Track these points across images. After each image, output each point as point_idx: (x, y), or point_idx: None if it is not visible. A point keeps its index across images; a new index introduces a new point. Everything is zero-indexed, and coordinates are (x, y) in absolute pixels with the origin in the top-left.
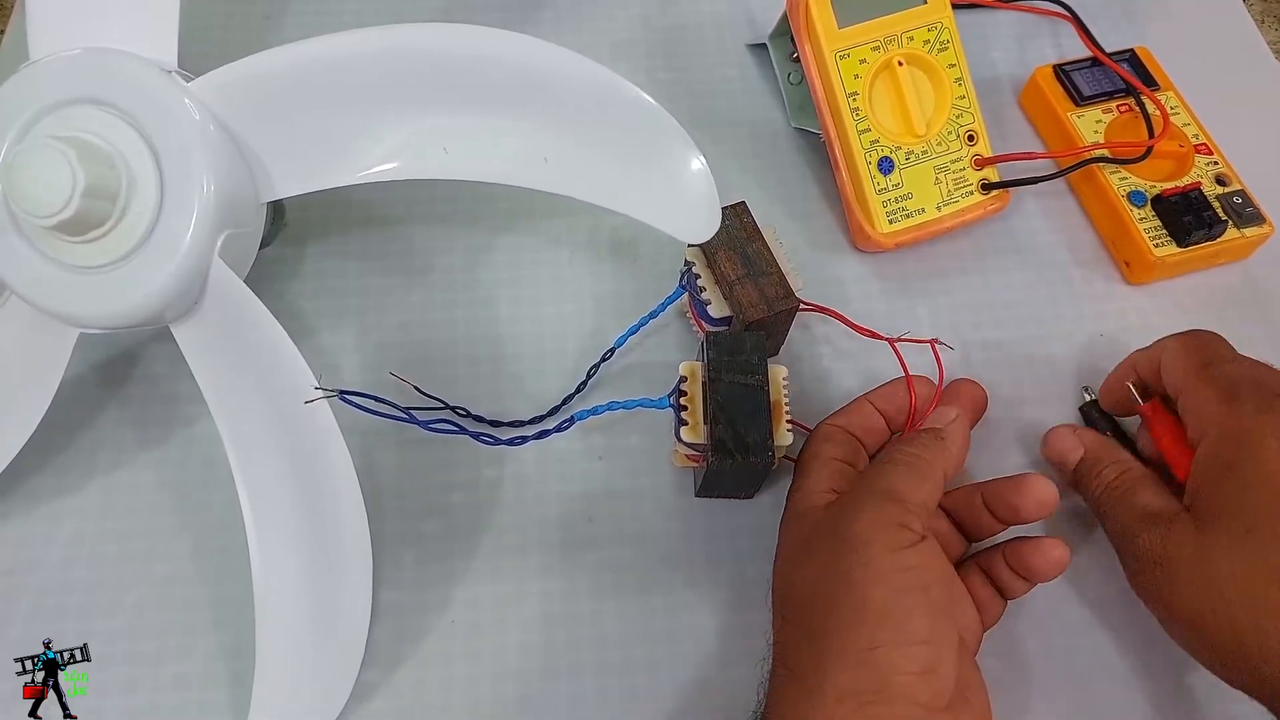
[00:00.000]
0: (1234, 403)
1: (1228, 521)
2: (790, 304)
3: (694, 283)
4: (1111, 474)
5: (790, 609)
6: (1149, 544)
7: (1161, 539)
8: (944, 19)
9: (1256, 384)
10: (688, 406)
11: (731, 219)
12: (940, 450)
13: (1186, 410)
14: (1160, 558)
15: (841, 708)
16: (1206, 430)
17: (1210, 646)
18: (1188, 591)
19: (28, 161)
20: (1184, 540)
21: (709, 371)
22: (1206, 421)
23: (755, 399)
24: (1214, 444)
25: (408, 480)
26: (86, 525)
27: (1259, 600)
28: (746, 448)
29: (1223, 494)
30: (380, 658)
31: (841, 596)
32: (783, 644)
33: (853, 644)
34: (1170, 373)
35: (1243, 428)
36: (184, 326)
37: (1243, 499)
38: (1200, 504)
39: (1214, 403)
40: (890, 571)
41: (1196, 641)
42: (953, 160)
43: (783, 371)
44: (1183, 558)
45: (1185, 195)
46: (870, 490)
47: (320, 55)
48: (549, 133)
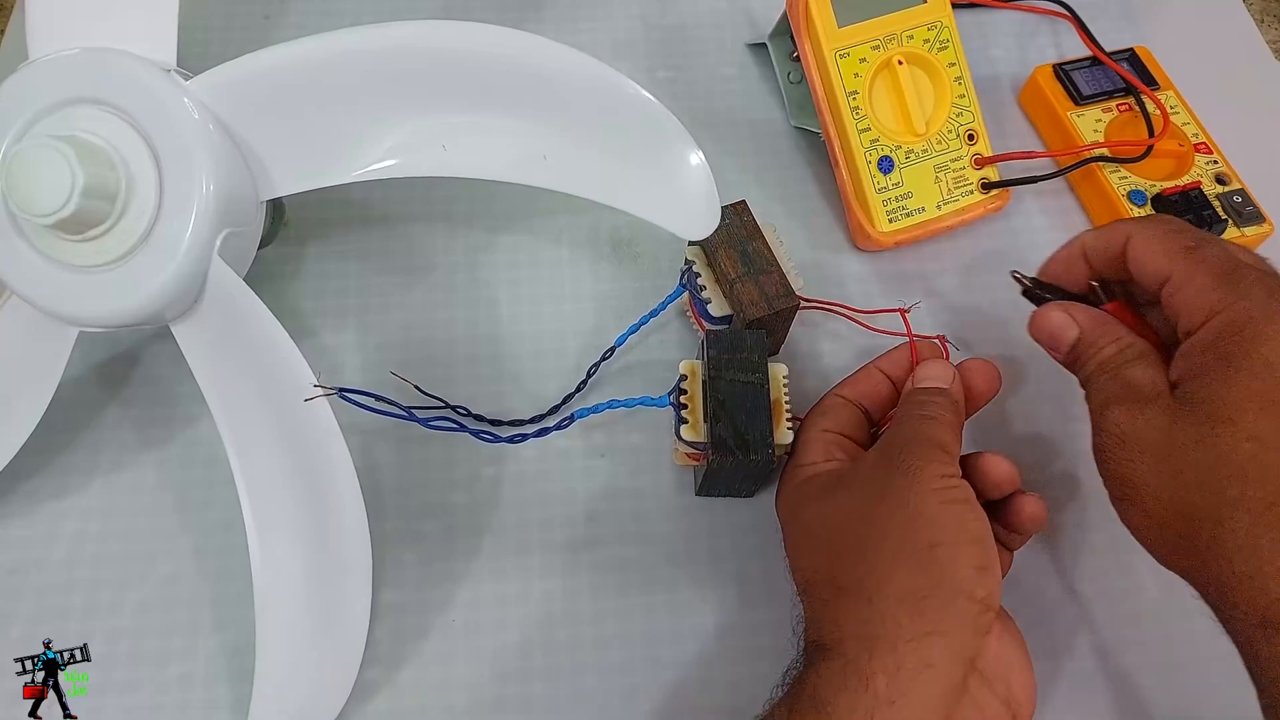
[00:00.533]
0: (1236, 287)
1: (1209, 410)
2: (791, 302)
3: (694, 281)
4: (1111, 350)
5: (821, 559)
6: (1119, 417)
7: (1132, 415)
8: (944, 18)
9: (1256, 266)
10: (688, 405)
11: (732, 217)
12: (955, 408)
13: (1176, 299)
14: (1127, 434)
15: (902, 607)
16: (1205, 319)
17: (1158, 526)
18: (1150, 472)
19: (27, 161)
20: (1156, 421)
21: (709, 369)
22: (1205, 310)
23: (756, 397)
24: (1213, 332)
25: (408, 479)
26: (87, 525)
27: (1219, 490)
28: (747, 445)
29: (1211, 383)
30: (381, 657)
31: (893, 512)
32: (817, 604)
33: (910, 546)
34: (1148, 258)
35: (1248, 314)
36: (184, 325)
37: (1229, 390)
38: (1184, 390)
39: (1211, 289)
40: (941, 489)
41: (1148, 523)
42: (952, 159)
43: (783, 369)
44: (1150, 439)
45: (1185, 194)
46: (914, 438)
47: (319, 53)
48: (549, 130)
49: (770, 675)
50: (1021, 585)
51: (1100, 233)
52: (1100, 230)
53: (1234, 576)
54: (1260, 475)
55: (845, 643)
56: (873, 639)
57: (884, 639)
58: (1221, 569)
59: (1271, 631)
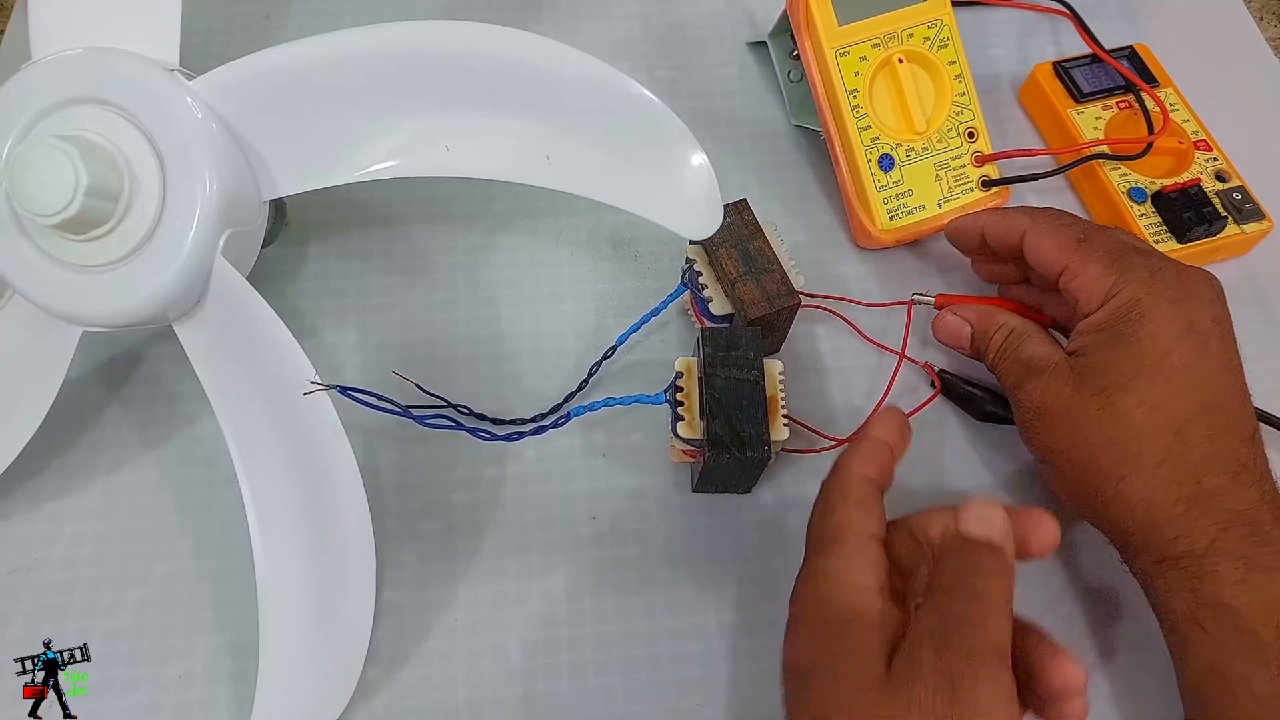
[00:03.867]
0: (1125, 272)
1: (1107, 380)
2: (791, 301)
3: (695, 280)
4: (1000, 338)
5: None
6: (1032, 394)
7: (1041, 389)
8: (944, 16)
9: (1140, 250)
10: (684, 402)
11: (732, 216)
12: (1009, 575)
13: (1073, 285)
14: (1040, 406)
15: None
16: (1103, 301)
17: (1071, 483)
18: (1061, 436)
19: (30, 161)
20: (1061, 391)
21: (705, 366)
22: (1102, 293)
23: (751, 394)
24: (1107, 312)
25: (409, 479)
26: (88, 525)
27: (1121, 449)
28: (742, 442)
29: (1103, 355)
30: (383, 656)
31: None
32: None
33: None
34: (1043, 251)
35: (1136, 295)
36: (187, 325)
37: (1122, 361)
38: (1084, 362)
39: (1103, 275)
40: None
41: (1060, 479)
42: (953, 157)
43: (778, 366)
44: (1058, 408)
45: (1185, 192)
46: (973, 651)
47: (322, 53)
48: (550, 130)
49: (770, 674)
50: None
51: (998, 221)
52: (998, 218)
53: (1135, 523)
54: (1151, 435)
55: None
56: None
57: None
58: (1125, 517)
59: (1167, 566)
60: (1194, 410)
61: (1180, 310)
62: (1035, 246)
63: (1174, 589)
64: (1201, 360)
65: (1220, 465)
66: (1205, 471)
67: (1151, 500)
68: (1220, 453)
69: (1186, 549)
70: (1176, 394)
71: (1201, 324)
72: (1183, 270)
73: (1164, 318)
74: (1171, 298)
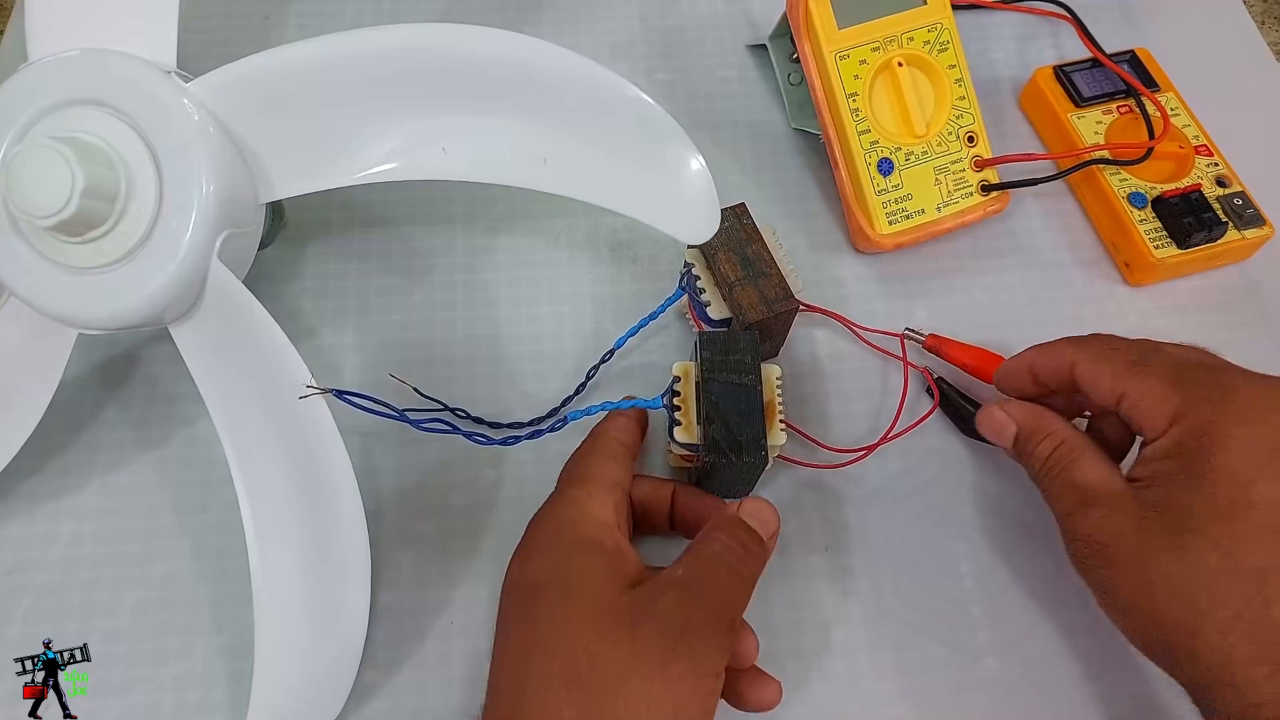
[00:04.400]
0: (1190, 392)
1: (1176, 519)
2: (790, 305)
3: (693, 284)
4: (1047, 449)
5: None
6: (1088, 528)
7: (1100, 524)
8: (944, 20)
9: (1204, 367)
10: (681, 407)
11: (731, 220)
12: (761, 567)
13: (1136, 412)
14: (1099, 542)
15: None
16: (1165, 426)
17: (1140, 632)
18: (1123, 580)
19: (27, 162)
20: (1124, 528)
21: (702, 371)
22: (1166, 417)
23: (749, 398)
24: (1174, 439)
25: (406, 481)
26: (86, 525)
27: (1189, 601)
28: (740, 447)
29: (1177, 490)
30: (379, 659)
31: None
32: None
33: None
34: (1099, 382)
35: (1206, 418)
36: (183, 328)
37: (1196, 494)
38: (1151, 495)
39: (1167, 398)
40: (711, 692)
41: (1128, 626)
42: (953, 161)
43: (776, 371)
44: (1121, 546)
45: (1185, 197)
46: (713, 612)
47: (320, 55)
48: (548, 133)
49: (773, 674)
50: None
51: (1045, 355)
52: (1044, 352)
53: (1213, 683)
54: (1227, 586)
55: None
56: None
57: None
58: (1201, 675)
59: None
60: (1276, 557)
61: (1257, 434)
62: (1089, 378)
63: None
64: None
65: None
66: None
67: (1228, 661)
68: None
69: (1271, 717)
70: (1256, 537)
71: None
72: (1260, 385)
73: (1241, 445)
74: (1247, 418)
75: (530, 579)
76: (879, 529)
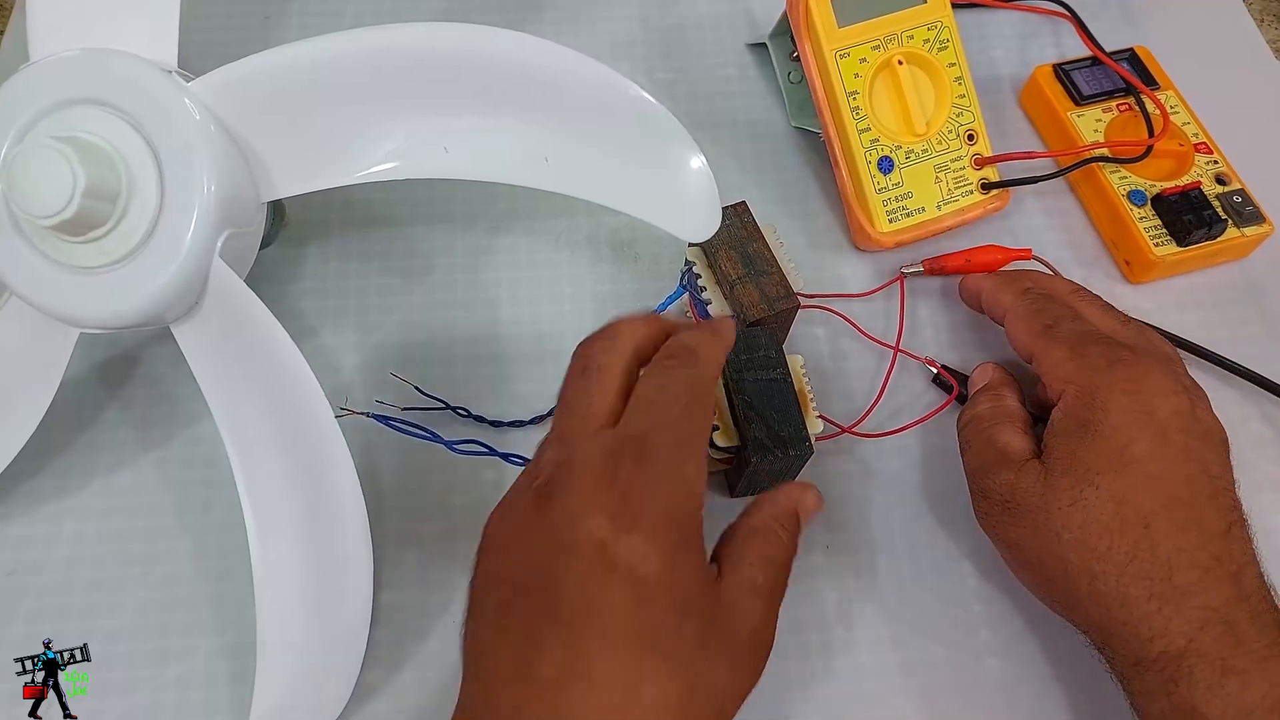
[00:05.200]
0: (1084, 359)
1: (1072, 476)
2: (791, 303)
3: (694, 282)
4: (985, 407)
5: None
6: (999, 485)
7: (1011, 483)
8: (944, 18)
9: (1101, 339)
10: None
11: (732, 218)
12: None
13: (1041, 371)
14: (1008, 499)
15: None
16: (1063, 389)
17: (1045, 583)
18: (1029, 534)
19: (28, 162)
20: (1031, 487)
21: (731, 372)
22: (1061, 380)
23: (783, 392)
24: (1069, 401)
25: (409, 481)
26: (87, 525)
27: (1091, 547)
28: (784, 442)
29: (1070, 449)
30: (381, 659)
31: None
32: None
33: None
34: (1016, 337)
35: (1093, 383)
36: (184, 327)
37: (1088, 454)
38: (1050, 456)
39: (1066, 361)
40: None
41: (1032, 578)
42: (953, 159)
43: (799, 360)
44: (1028, 503)
45: (1185, 194)
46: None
47: (321, 55)
48: (549, 132)
49: (774, 675)
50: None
51: (991, 294)
52: (991, 289)
53: (1111, 623)
54: (1121, 530)
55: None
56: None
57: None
58: (1100, 617)
59: (1143, 668)
60: (1159, 503)
61: (1136, 400)
62: (1011, 332)
63: (1150, 692)
64: (1163, 451)
65: (1189, 560)
66: (1175, 567)
67: (1125, 598)
68: (1187, 546)
69: (1162, 650)
70: (1141, 486)
71: (1160, 414)
72: (1144, 359)
73: (1122, 408)
74: (1128, 388)
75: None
76: (879, 528)
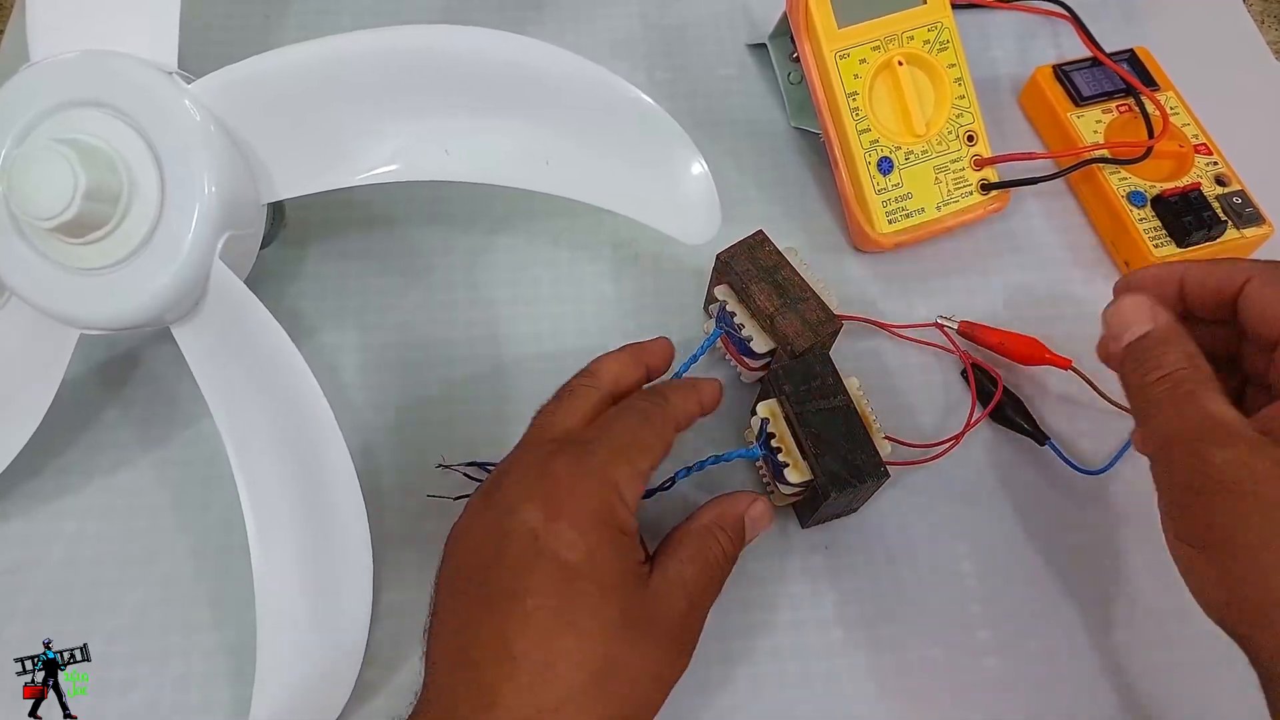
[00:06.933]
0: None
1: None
2: (834, 325)
3: (730, 321)
4: (1180, 362)
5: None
6: (1224, 463)
7: (1239, 462)
8: (944, 19)
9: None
10: (781, 448)
11: (755, 249)
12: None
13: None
14: (1232, 481)
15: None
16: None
17: (1240, 584)
18: (1250, 533)
19: (29, 164)
20: (1269, 472)
21: (792, 405)
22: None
23: (848, 420)
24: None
25: (410, 480)
26: (87, 525)
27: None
28: (859, 471)
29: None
30: (381, 658)
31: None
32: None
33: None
34: (1271, 307)
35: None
36: (185, 328)
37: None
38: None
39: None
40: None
41: (1215, 570)
42: (952, 160)
43: (855, 383)
44: (1261, 490)
45: (1185, 196)
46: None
47: (321, 56)
48: (550, 135)
49: (774, 675)
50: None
51: (1211, 267)
52: (1211, 264)
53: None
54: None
55: None
56: None
57: None
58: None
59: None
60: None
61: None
62: (1260, 300)
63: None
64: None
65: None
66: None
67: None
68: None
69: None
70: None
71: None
72: None
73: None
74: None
75: (567, 556)
76: (879, 528)
